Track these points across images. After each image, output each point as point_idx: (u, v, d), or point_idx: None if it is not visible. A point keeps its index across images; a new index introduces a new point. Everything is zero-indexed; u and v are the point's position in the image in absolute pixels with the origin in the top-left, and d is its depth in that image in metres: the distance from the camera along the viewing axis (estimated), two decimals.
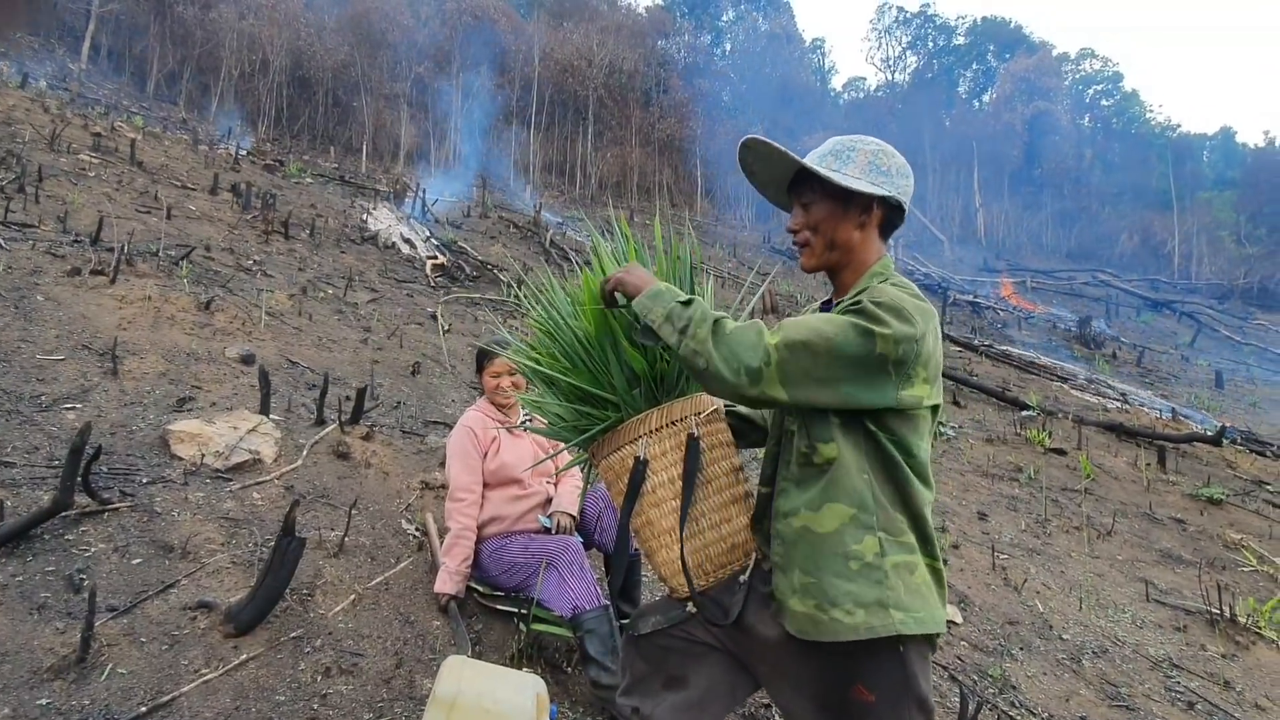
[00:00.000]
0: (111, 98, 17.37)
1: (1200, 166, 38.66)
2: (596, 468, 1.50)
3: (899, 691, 1.19)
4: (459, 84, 26.66)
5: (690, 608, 1.39)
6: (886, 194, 1.27)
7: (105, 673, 1.78)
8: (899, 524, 1.21)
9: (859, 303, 1.19)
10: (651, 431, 1.38)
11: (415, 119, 25.48)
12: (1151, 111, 42.43)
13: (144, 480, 2.62)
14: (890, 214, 1.32)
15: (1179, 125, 42.35)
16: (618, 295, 1.34)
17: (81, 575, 2.07)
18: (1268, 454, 8.80)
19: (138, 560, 2.21)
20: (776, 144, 1.30)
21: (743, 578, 1.38)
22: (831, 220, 1.30)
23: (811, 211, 1.31)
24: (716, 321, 1.20)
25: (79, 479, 2.31)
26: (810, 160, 1.31)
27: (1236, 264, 29.20)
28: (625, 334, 1.39)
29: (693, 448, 1.36)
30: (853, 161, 1.28)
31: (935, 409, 1.25)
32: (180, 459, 2.82)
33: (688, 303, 1.23)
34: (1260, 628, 3.82)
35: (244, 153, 13.61)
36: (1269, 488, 7.08)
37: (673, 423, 1.39)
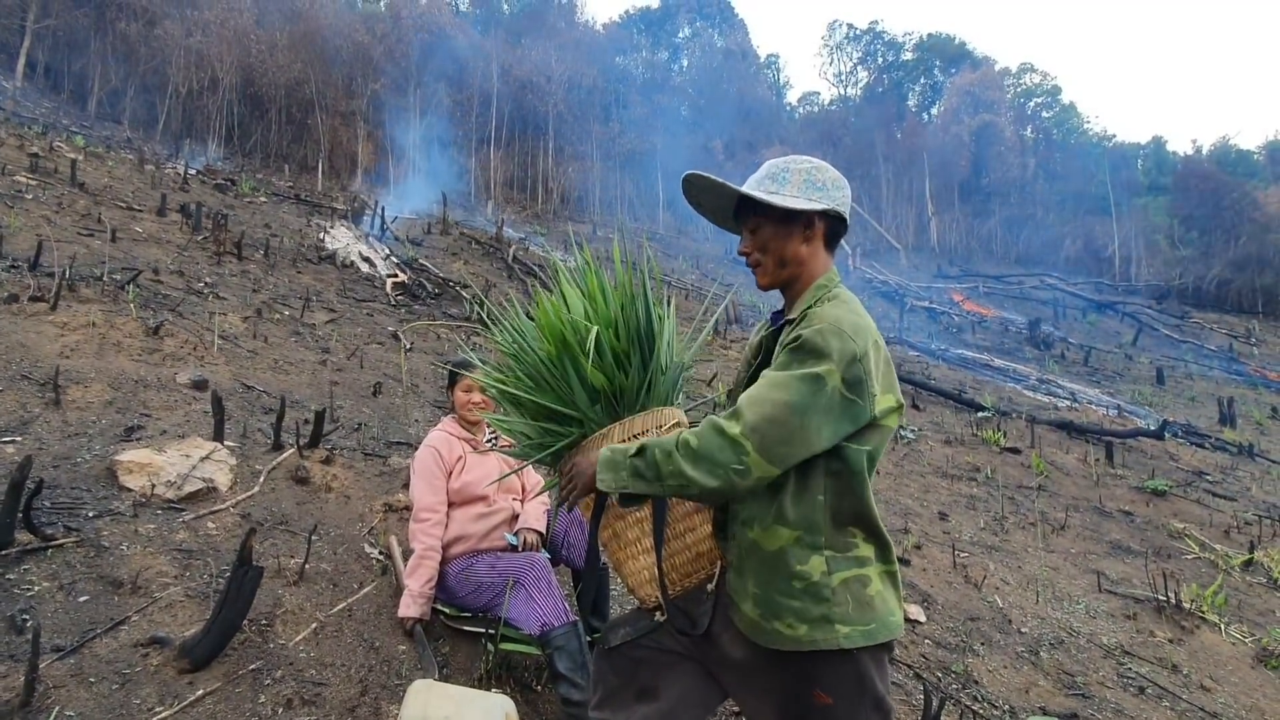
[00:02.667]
0: (49, 116, 16.74)
1: (1135, 174, 40.62)
2: None
3: (856, 694, 1.24)
4: (417, 101, 26.47)
5: (660, 617, 1.41)
6: (825, 208, 1.33)
7: (52, 716, 1.71)
8: (848, 540, 1.26)
9: (798, 338, 1.22)
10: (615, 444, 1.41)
11: (372, 136, 25.17)
12: (1089, 123, 44.47)
13: (90, 514, 2.52)
14: (833, 225, 1.38)
15: (1114, 135, 44.41)
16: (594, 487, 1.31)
17: (24, 616, 1.98)
18: (1206, 446, 9.25)
19: (85, 597, 2.13)
20: (714, 177, 1.36)
21: (710, 586, 1.41)
22: (778, 239, 1.35)
23: (759, 234, 1.37)
24: (677, 447, 1.20)
25: (20, 515, 2.22)
26: (749, 186, 1.37)
27: (1172, 265, 30.71)
28: (585, 353, 1.43)
29: None
30: (789, 182, 1.34)
31: (900, 409, 1.30)
32: (129, 490, 2.73)
33: (640, 450, 1.24)
34: (1203, 612, 4.00)
35: (194, 172, 13.24)
36: (1208, 478, 7.44)
37: (634, 436, 1.43)
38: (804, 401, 1.16)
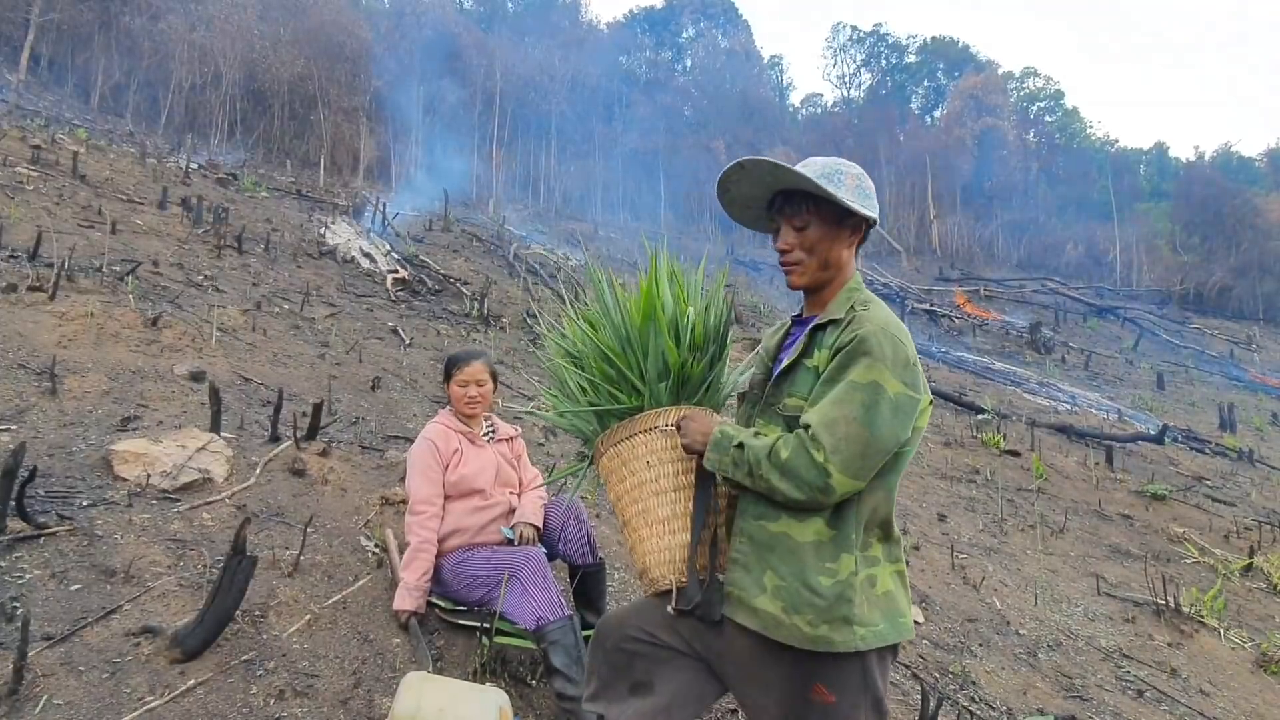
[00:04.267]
0: (52, 110, 16.73)
1: (1137, 179, 40.60)
2: (599, 460, 1.53)
3: (858, 693, 1.24)
4: (420, 98, 26.47)
5: (670, 609, 1.37)
6: (873, 215, 1.35)
7: (40, 704, 1.69)
8: (869, 540, 1.27)
9: (855, 339, 1.22)
10: (669, 424, 1.44)
11: (375, 132, 25.17)
12: (1091, 127, 44.39)
13: (84, 503, 2.51)
14: (866, 232, 1.39)
15: (1116, 140, 44.26)
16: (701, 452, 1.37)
17: (15, 603, 1.97)
18: (1206, 451, 9.24)
19: (77, 586, 2.11)
20: (782, 163, 1.31)
21: (722, 576, 1.40)
22: (827, 240, 1.34)
23: (808, 233, 1.34)
24: (769, 455, 1.23)
25: (12, 503, 2.20)
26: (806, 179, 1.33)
27: (1173, 271, 30.69)
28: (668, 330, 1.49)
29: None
30: (844, 185, 1.32)
31: (930, 406, 1.33)
32: (124, 480, 2.71)
33: (740, 445, 1.28)
34: (1202, 616, 3.99)
35: (195, 166, 13.23)
36: (1208, 483, 7.43)
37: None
38: (870, 413, 1.18)
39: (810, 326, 1.36)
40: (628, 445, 1.46)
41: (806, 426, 1.21)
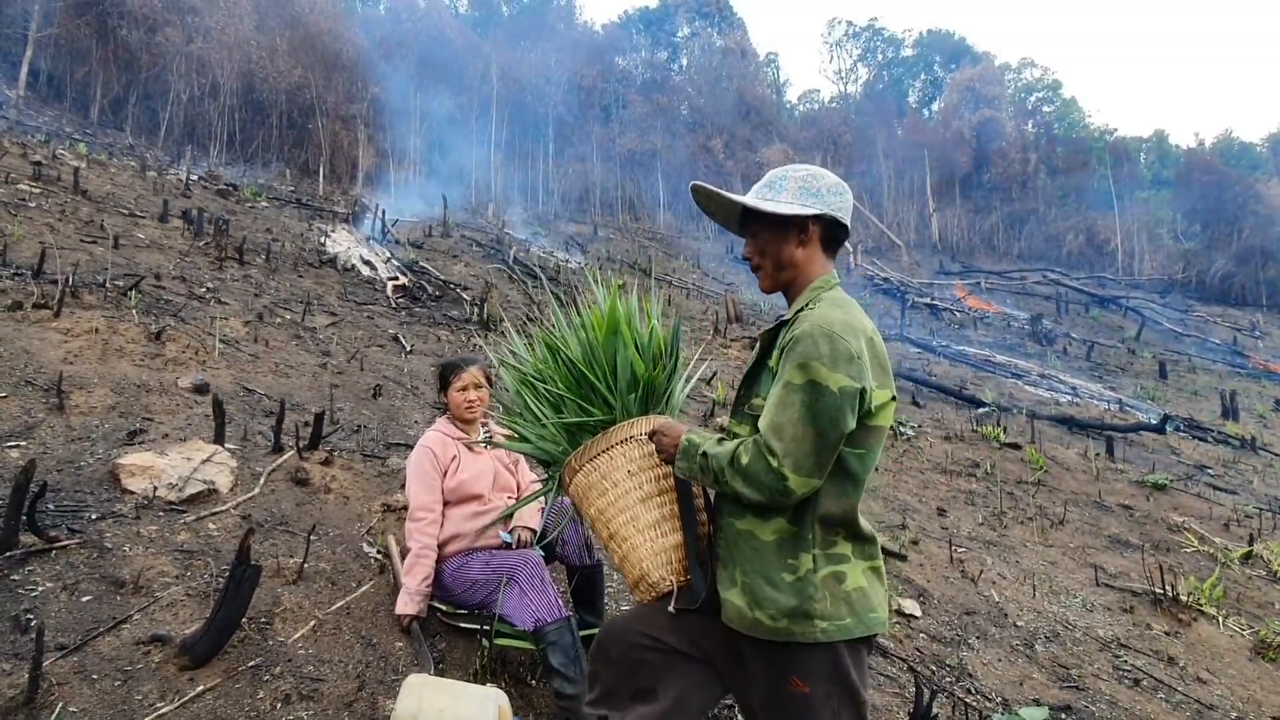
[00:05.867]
0: (52, 125, 16.86)
1: (1138, 168, 40.48)
2: (571, 479, 1.57)
3: (831, 684, 1.29)
4: (417, 104, 26.56)
5: (674, 607, 1.42)
6: (818, 212, 1.38)
7: (56, 712, 1.75)
8: (832, 538, 1.31)
9: (791, 339, 1.28)
10: (643, 434, 1.50)
11: (373, 140, 25.26)
12: (1090, 117, 44.32)
13: (93, 516, 2.56)
14: (832, 230, 1.42)
15: (1115, 129, 44.21)
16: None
17: (28, 615, 2.03)
18: (1208, 439, 9.24)
19: (88, 597, 2.17)
20: (714, 188, 1.44)
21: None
22: (775, 244, 1.42)
23: (758, 240, 1.44)
24: (730, 462, 1.29)
25: (23, 517, 2.26)
26: (750, 195, 1.45)
27: (1175, 259, 30.62)
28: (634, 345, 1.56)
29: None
30: (784, 189, 1.41)
31: (893, 403, 1.34)
32: (131, 493, 2.77)
33: (704, 454, 1.35)
34: (1201, 605, 4.01)
35: (195, 178, 13.32)
36: (1209, 471, 7.44)
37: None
38: (810, 412, 1.21)
39: (774, 327, 1.43)
40: (606, 459, 1.50)
41: (759, 432, 1.27)
